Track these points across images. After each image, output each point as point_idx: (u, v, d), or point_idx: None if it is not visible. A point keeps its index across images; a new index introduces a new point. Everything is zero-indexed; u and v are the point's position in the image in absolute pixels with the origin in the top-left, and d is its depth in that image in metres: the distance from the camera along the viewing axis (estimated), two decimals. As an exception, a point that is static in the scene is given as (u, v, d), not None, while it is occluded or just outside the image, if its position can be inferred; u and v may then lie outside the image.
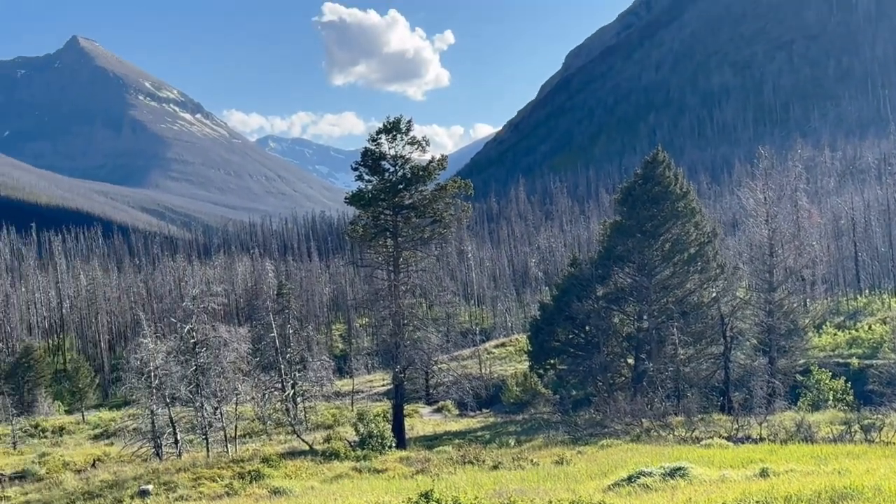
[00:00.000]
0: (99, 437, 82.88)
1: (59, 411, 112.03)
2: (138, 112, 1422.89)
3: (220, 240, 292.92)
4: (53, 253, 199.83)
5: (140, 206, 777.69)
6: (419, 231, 62.49)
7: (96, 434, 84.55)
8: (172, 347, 60.36)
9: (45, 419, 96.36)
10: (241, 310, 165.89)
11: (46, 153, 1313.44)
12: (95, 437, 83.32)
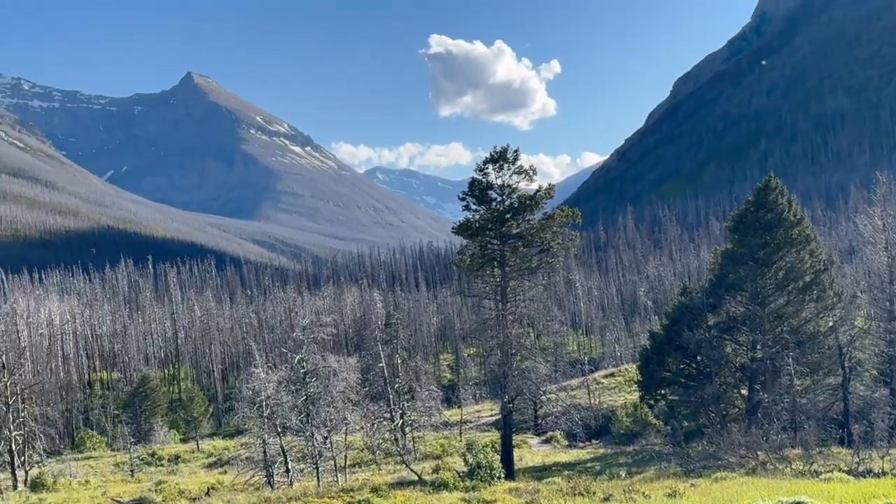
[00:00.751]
0: (213, 465, 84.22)
1: (175, 440, 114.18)
2: (250, 146, 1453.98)
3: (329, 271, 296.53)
4: (169, 285, 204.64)
5: (251, 238, 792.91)
6: (527, 260, 62.21)
7: (210, 462, 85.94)
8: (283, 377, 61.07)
9: (162, 447, 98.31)
10: (350, 340, 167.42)
11: (162, 187, 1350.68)
12: (209, 465, 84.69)
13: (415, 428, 79.45)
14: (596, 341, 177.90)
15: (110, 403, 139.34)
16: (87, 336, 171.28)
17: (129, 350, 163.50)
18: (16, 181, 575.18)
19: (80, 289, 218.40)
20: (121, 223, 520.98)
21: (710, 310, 73.50)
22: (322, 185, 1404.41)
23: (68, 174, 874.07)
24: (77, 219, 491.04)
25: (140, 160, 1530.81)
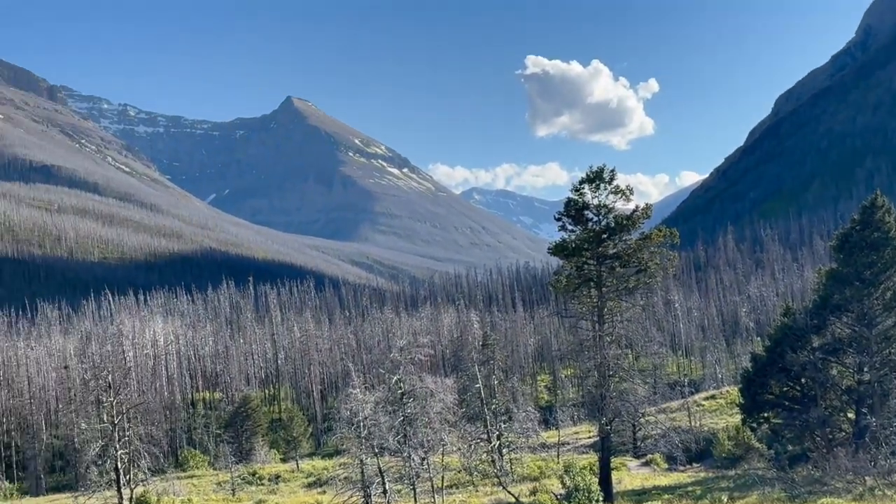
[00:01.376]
0: (312, 485, 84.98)
1: (275, 459, 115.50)
2: (348, 168, 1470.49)
3: (426, 291, 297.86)
4: (269, 305, 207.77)
5: (350, 259, 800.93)
6: (624, 281, 61.65)
7: (309, 482, 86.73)
8: (381, 398, 61.34)
9: (262, 467, 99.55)
10: (447, 361, 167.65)
11: (263, 209, 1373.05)
12: (309, 485, 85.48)
13: (512, 449, 79.06)
14: (696, 363, 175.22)
15: (212, 423, 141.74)
16: (191, 356, 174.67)
17: (230, 370, 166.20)
18: (122, 205, 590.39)
19: (183, 310, 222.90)
20: (223, 245, 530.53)
21: (814, 331, 71.79)
22: (419, 206, 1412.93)
23: (172, 198, 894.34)
24: (181, 241, 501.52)
25: (241, 183, 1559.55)
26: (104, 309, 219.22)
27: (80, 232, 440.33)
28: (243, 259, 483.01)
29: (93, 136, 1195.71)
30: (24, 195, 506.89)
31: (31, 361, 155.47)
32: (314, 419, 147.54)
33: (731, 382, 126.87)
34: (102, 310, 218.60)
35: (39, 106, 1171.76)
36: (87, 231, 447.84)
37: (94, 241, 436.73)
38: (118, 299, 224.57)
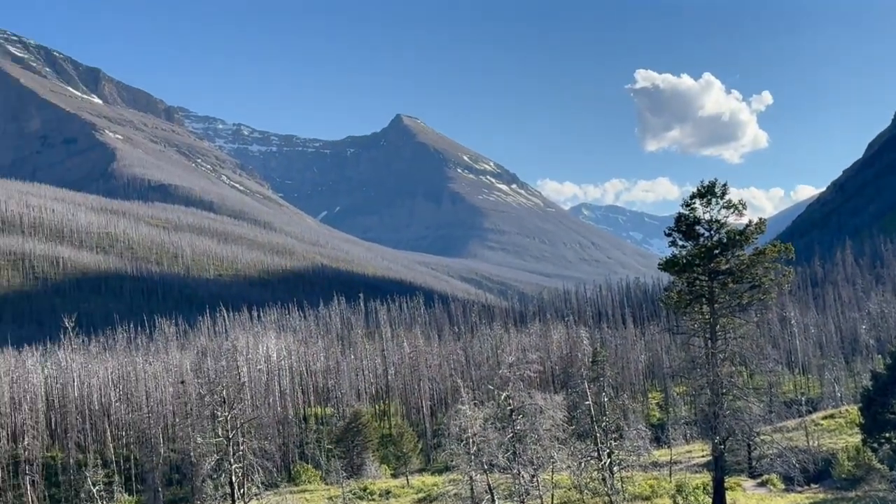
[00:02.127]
0: (422, 501, 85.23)
1: (386, 475, 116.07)
2: (457, 184, 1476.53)
3: (535, 307, 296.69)
4: (379, 321, 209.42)
5: (459, 275, 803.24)
6: (737, 297, 60.62)
7: (419, 498, 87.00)
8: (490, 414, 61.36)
9: (373, 482, 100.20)
10: (556, 377, 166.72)
11: (373, 226, 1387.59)
12: (419, 501, 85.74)
13: (623, 467, 78.08)
14: (814, 381, 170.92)
15: (324, 438, 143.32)
16: (303, 372, 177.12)
17: (341, 386, 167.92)
18: (236, 223, 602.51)
19: (295, 326, 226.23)
20: (334, 262, 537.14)
21: (938, 348, 69.52)
22: (528, 222, 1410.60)
23: (285, 215, 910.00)
24: (293, 258, 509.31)
25: (352, 201, 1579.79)
26: (219, 325, 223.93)
27: (196, 249, 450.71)
28: (354, 275, 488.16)
29: (208, 156, 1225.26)
30: (142, 214, 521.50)
31: (149, 376, 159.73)
32: (424, 435, 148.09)
33: (851, 401, 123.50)
34: (217, 326, 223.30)
35: (157, 127, 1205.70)
36: (203, 248, 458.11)
37: (209, 258, 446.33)
38: (232, 315, 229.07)
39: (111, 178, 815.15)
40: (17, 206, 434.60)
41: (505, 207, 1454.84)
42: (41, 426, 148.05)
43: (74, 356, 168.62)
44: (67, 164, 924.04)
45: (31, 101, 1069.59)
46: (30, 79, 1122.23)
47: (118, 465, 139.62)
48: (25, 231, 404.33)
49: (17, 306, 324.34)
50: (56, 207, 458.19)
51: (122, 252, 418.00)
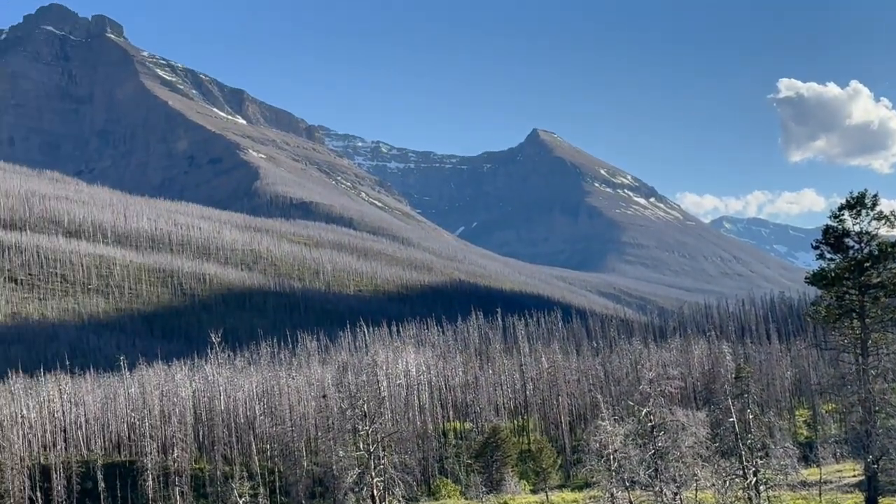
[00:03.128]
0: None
1: (525, 490, 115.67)
2: (594, 198, 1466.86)
3: (675, 322, 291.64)
4: (517, 336, 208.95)
5: (596, 289, 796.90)
6: (890, 311, 58.53)
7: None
8: (630, 430, 60.57)
9: (512, 497, 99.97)
10: (698, 393, 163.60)
11: (510, 241, 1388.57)
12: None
13: (769, 487, 75.94)
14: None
15: (463, 453, 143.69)
16: (441, 387, 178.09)
17: (479, 400, 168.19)
18: (376, 239, 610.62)
19: (434, 341, 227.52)
20: (471, 277, 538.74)
21: None
22: (667, 235, 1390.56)
23: (423, 231, 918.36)
24: (431, 273, 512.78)
25: (489, 216, 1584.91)
26: (359, 340, 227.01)
27: (336, 265, 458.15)
28: (491, 290, 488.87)
29: (347, 173, 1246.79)
30: (285, 231, 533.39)
31: (292, 390, 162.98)
32: (563, 450, 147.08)
33: None
34: (358, 341, 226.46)
35: (299, 145, 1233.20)
36: (343, 264, 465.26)
37: (349, 274, 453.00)
38: (372, 330, 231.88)
39: (255, 196, 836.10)
40: (165, 225, 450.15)
41: (643, 221, 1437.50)
42: (189, 438, 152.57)
43: (221, 370, 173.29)
44: (213, 184, 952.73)
45: (179, 122, 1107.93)
46: (178, 101, 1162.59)
47: (263, 478, 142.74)
48: (174, 249, 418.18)
49: (166, 321, 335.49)
50: (202, 225, 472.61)
51: (266, 268, 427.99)
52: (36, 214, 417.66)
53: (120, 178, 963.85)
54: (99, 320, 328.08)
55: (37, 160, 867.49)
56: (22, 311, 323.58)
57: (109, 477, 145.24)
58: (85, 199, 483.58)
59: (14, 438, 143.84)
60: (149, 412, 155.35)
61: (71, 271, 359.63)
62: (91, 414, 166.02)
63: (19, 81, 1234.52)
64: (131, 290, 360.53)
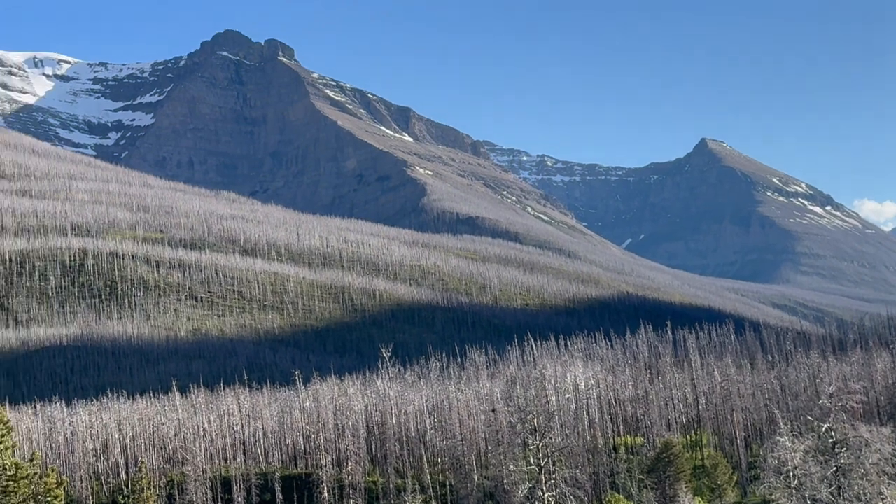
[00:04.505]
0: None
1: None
2: (766, 208, 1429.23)
3: (855, 334, 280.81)
4: (688, 350, 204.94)
5: (770, 301, 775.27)
6: None
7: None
8: (810, 447, 58.66)
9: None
10: (881, 408, 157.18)
11: (678, 253, 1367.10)
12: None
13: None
14: None
15: (635, 468, 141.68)
16: (611, 401, 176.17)
17: (650, 415, 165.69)
18: (541, 253, 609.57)
19: (602, 354, 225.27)
20: (639, 290, 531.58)
21: None
22: (845, 244, 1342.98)
23: (589, 244, 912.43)
24: (598, 287, 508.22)
25: (656, 228, 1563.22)
26: (527, 354, 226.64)
27: (503, 280, 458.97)
28: (660, 303, 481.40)
29: (513, 188, 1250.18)
30: (451, 246, 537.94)
31: (461, 404, 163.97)
32: (738, 467, 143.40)
33: None
34: (526, 355, 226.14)
35: (464, 161, 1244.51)
36: (510, 279, 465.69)
37: (516, 288, 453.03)
38: (540, 344, 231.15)
39: (422, 212, 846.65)
40: (336, 242, 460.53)
41: (819, 230, 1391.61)
42: (363, 452, 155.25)
43: (392, 384, 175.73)
44: (381, 201, 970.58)
45: (348, 141, 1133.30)
46: (346, 120, 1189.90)
47: (434, 491, 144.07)
48: (345, 265, 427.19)
49: (339, 336, 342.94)
50: (372, 242, 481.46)
51: (434, 284, 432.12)
52: (214, 234, 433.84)
53: (292, 196, 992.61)
54: (274, 336, 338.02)
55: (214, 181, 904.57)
56: (202, 327, 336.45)
57: (287, 489, 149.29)
58: (260, 218, 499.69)
59: (196, 451, 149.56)
60: (323, 426, 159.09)
61: (247, 288, 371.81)
62: (268, 427, 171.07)
63: (197, 106, 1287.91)
64: (304, 307, 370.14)
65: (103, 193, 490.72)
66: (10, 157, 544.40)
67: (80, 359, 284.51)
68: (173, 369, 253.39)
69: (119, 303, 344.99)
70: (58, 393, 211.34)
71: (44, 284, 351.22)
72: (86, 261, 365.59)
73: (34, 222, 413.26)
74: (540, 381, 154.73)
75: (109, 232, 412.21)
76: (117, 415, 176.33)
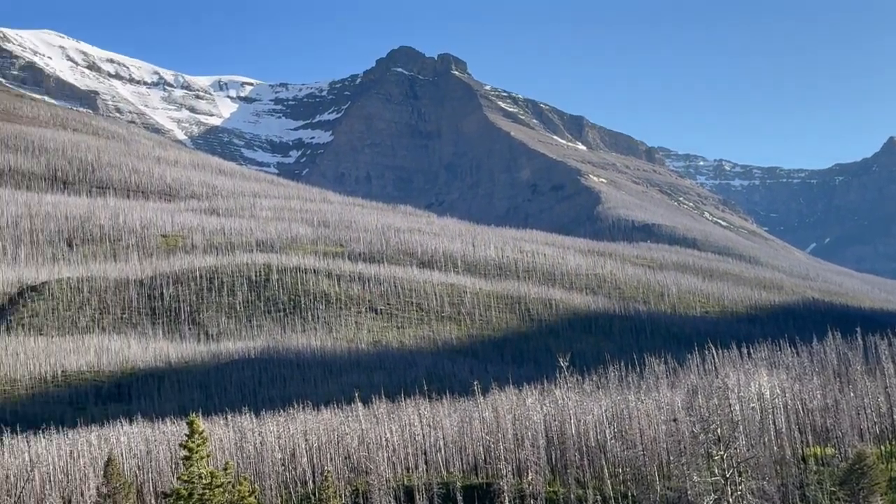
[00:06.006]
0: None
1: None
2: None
3: None
4: (880, 357, 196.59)
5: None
6: None
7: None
8: None
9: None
10: None
11: (867, 257, 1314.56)
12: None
13: None
14: None
15: (826, 480, 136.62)
16: (798, 410, 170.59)
17: (841, 425, 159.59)
18: (721, 259, 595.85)
19: (787, 362, 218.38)
20: (826, 295, 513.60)
21: None
22: None
23: (770, 249, 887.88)
24: (781, 293, 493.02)
25: (842, 231, 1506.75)
26: (708, 362, 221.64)
27: (681, 287, 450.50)
28: (848, 309, 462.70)
29: (689, 194, 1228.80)
30: (627, 254, 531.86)
31: (641, 414, 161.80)
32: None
33: None
34: (706, 363, 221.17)
35: (639, 168, 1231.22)
36: (688, 286, 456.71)
37: (694, 295, 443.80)
38: (721, 352, 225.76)
39: (596, 220, 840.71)
40: (511, 252, 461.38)
41: None
42: (542, 461, 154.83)
43: (570, 394, 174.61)
44: (556, 210, 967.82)
45: (521, 152, 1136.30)
46: (519, 131, 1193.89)
47: (616, 501, 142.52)
48: (520, 275, 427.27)
49: (515, 346, 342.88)
50: (547, 252, 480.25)
51: (610, 292, 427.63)
52: (392, 247, 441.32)
53: (468, 208, 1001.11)
54: (452, 346, 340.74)
55: (391, 195, 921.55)
56: (382, 339, 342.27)
57: (468, 498, 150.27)
58: (436, 230, 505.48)
59: (379, 460, 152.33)
60: (503, 435, 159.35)
61: (425, 300, 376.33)
62: (448, 437, 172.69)
63: (374, 122, 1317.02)
64: (481, 317, 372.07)
65: (285, 210, 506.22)
66: (199, 177, 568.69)
67: (268, 371, 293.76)
68: (355, 380, 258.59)
69: (302, 316, 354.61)
70: (247, 404, 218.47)
71: (232, 299, 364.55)
72: (270, 276, 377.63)
73: (222, 239, 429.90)
74: (723, 390, 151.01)
75: (292, 247, 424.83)
76: (303, 425, 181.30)
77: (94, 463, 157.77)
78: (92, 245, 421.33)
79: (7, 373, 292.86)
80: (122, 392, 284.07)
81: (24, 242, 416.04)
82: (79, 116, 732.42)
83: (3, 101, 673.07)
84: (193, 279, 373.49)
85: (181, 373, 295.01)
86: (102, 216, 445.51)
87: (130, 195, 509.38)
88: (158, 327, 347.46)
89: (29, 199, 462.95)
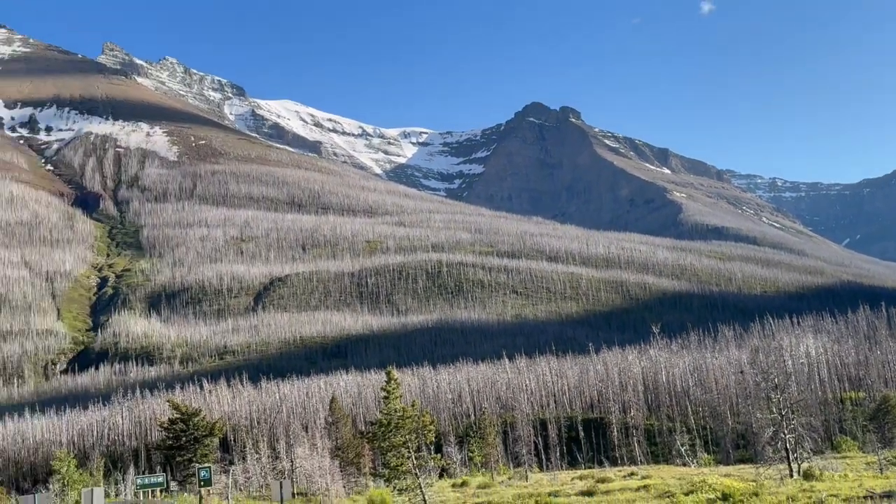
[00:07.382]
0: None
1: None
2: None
3: None
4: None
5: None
6: None
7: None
8: None
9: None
10: None
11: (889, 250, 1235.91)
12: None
13: None
14: None
15: (859, 416, 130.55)
16: (836, 365, 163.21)
17: (870, 375, 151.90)
18: (775, 252, 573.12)
19: (828, 329, 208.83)
20: (857, 278, 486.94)
21: None
22: None
23: (814, 244, 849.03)
24: (822, 276, 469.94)
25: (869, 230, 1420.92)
26: (766, 329, 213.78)
27: (745, 273, 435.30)
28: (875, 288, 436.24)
29: (750, 204, 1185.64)
30: (703, 250, 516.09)
31: (715, 367, 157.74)
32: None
33: None
34: (766, 330, 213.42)
35: (711, 186, 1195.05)
36: (750, 273, 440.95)
37: (755, 279, 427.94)
38: (776, 322, 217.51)
39: (679, 225, 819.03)
40: (615, 250, 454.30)
41: None
42: (641, 402, 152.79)
43: (661, 353, 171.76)
44: (648, 219, 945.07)
45: (621, 176, 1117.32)
46: (620, 161, 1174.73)
47: (698, 432, 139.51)
48: (622, 266, 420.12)
49: (619, 319, 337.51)
50: (642, 248, 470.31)
51: (690, 278, 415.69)
52: (528, 246, 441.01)
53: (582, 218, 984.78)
54: (573, 319, 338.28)
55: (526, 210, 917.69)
56: (521, 313, 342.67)
57: (586, 429, 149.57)
58: (559, 234, 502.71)
59: (521, 401, 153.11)
60: (611, 383, 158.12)
61: (552, 285, 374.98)
62: (571, 384, 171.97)
63: (513, 158, 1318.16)
64: (594, 297, 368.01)
65: (452, 222, 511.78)
66: (391, 200, 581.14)
67: (441, 336, 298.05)
68: (503, 343, 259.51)
69: (465, 297, 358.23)
70: (426, 360, 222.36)
71: (415, 285, 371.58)
72: (441, 269, 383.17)
73: (407, 243, 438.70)
74: (778, 349, 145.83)
75: (456, 248, 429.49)
76: (466, 375, 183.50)
77: (322, 401, 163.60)
78: (318, 249, 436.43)
79: (263, 338, 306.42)
80: (340, 351, 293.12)
81: (273, 248, 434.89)
82: (309, 160, 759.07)
83: (258, 150, 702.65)
84: (388, 271, 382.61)
85: (381, 338, 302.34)
86: (325, 228, 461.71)
87: (344, 213, 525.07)
88: (365, 306, 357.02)
89: (276, 218, 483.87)
